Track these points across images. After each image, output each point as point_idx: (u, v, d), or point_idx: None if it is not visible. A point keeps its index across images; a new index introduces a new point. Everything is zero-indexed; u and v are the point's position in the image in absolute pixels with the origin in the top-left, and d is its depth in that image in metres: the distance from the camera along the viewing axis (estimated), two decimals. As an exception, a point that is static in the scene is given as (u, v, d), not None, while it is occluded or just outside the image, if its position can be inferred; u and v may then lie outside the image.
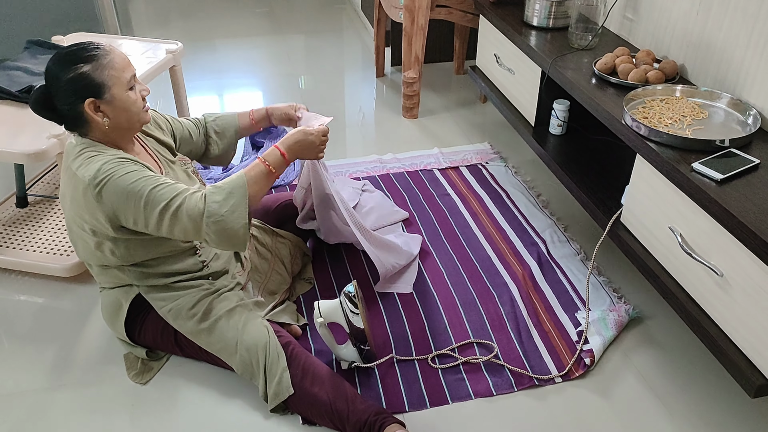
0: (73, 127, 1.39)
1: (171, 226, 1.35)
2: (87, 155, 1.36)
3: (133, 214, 1.34)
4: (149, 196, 1.32)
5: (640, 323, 1.74)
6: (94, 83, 1.33)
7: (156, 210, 1.33)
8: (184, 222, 1.34)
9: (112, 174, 1.32)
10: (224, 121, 1.75)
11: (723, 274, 1.34)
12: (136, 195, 1.32)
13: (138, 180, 1.33)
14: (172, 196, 1.33)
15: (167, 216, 1.33)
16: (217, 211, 1.34)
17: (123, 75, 1.37)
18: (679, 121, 1.60)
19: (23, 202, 2.06)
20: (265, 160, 1.43)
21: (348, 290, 1.54)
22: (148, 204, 1.32)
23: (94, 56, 1.34)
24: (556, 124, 2.14)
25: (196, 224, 1.34)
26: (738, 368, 1.31)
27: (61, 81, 1.32)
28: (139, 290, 1.50)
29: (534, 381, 1.57)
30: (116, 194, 1.32)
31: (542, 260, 1.96)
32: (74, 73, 1.32)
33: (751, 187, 1.36)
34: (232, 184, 1.38)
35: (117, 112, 1.37)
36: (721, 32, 1.69)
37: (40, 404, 1.51)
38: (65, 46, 1.37)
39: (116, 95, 1.36)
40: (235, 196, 1.36)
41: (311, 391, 1.43)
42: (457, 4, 2.73)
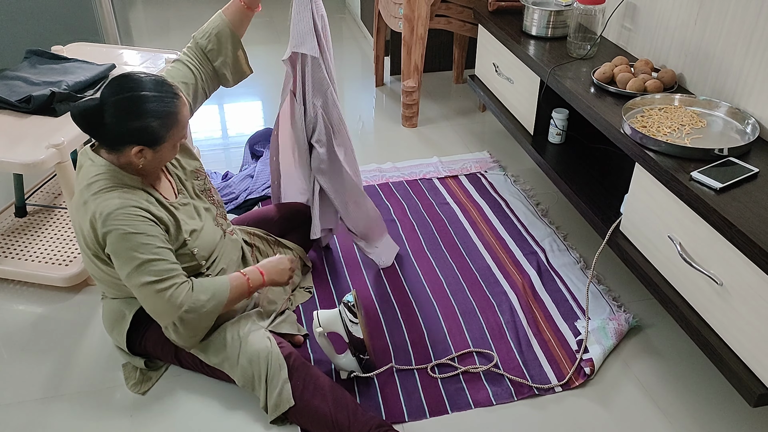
0: (106, 149, 1.37)
1: (146, 298, 1.36)
2: (103, 185, 1.34)
3: (121, 269, 1.35)
4: (143, 266, 1.33)
5: (639, 332, 1.74)
6: (154, 138, 1.32)
7: (142, 279, 1.33)
8: (162, 303, 1.35)
9: (120, 228, 1.31)
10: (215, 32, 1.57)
11: (722, 283, 1.34)
12: (130, 257, 1.32)
13: (139, 244, 1.32)
14: (163, 276, 1.34)
15: (151, 290, 1.34)
16: (198, 309, 1.38)
17: (181, 133, 1.37)
18: (677, 130, 1.60)
19: (22, 212, 2.06)
20: (247, 277, 1.48)
21: (347, 300, 1.53)
22: (138, 271, 1.33)
23: (167, 112, 1.31)
24: (555, 133, 2.15)
25: (172, 310, 1.36)
26: (738, 377, 1.30)
27: (122, 124, 1.29)
28: None
29: (534, 390, 1.56)
30: (116, 246, 1.32)
31: (542, 269, 1.96)
32: (140, 124, 1.30)
33: (750, 196, 1.36)
34: (216, 288, 1.42)
35: (155, 160, 1.38)
36: (719, 41, 1.70)
37: (39, 414, 1.50)
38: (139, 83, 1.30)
39: (164, 150, 1.37)
40: (215, 300, 1.41)
41: (312, 402, 1.42)
42: (456, 14, 2.75)
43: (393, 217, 2.20)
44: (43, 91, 1.82)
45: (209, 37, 1.57)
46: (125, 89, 1.30)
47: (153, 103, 1.30)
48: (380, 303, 1.83)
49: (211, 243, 1.54)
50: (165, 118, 1.32)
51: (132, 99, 1.29)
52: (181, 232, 1.44)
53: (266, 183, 2.31)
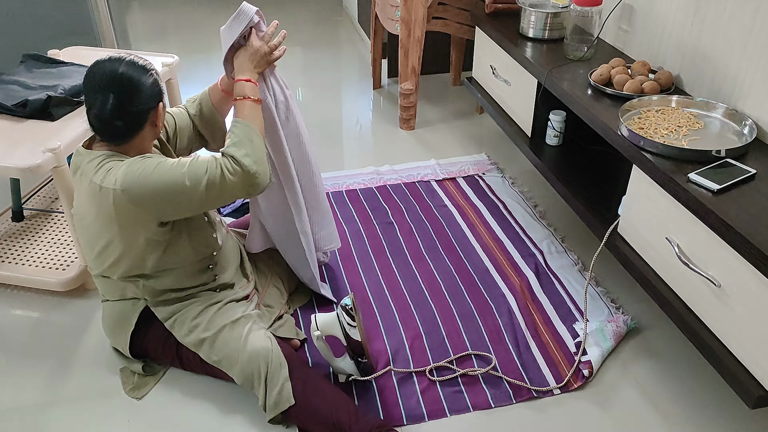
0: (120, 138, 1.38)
1: (220, 197, 1.36)
2: (107, 167, 1.35)
3: (175, 202, 1.34)
4: (186, 177, 1.32)
5: (638, 334, 1.74)
6: (161, 89, 1.41)
7: (201, 186, 1.32)
8: (227, 183, 1.34)
9: (139, 174, 1.32)
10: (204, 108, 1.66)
11: (721, 284, 1.34)
12: (172, 182, 1.32)
13: (167, 170, 1.33)
14: (205, 168, 1.33)
15: (214, 189, 1.33)
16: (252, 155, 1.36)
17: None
18: (674, 132, 1.60)
19: (19, 216, 2.05)
20: (244, 96, 1.45)
21: (345, 303, 1.53)
22: (190, 182, 1.32)
23: (151, 65, 1.40)
24: (552, 135, 2.15)
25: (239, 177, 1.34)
26: (737, 379, 1.30)
27: (144, 84, 1.35)
28: (147, 303, 1.50)
29: (532, 393, 1.56)
30: (152, 190, 1.32)
31: (540, 271, 1.96)
32: (153, 78, 1.38)
33: (747, 197, 1.36)
34: (244, 133, 1.39)
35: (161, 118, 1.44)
36: (716, 43, 1.70)
37: (36, 420, 1.49)
38: (122, 57, 1.37)
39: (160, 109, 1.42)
40: (254, 144, 1.39)
41: (313, 402, 1.42)
42: (454, 16, 2.75)
43: (391, 220, 2.20)
44: (40, 95, 1.81)
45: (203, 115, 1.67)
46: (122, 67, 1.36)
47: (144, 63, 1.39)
48: (378, 306, 1.82)
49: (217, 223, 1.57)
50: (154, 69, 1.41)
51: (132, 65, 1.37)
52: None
53: None
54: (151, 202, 1.34)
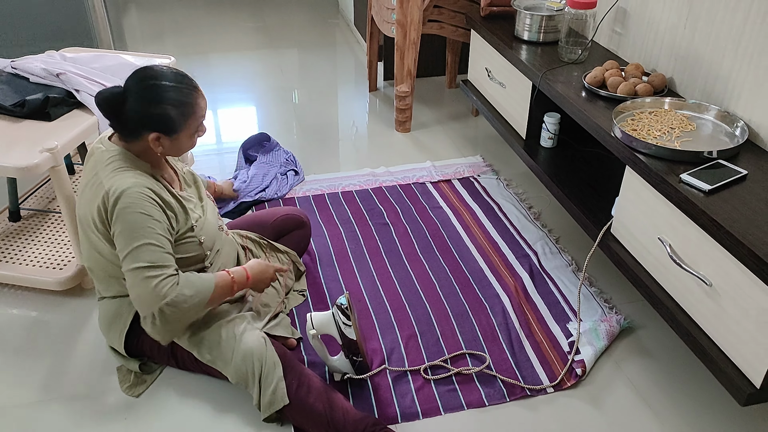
0: (123, 137, 1.42)
1: (134, 283, 1.36)
2: (116, 167, 1.38)
3: (118, 243, 1.37)
4: (140, 248, 1.35)
5: (631, 333, 1.75)
6: (172, 125, 1.38)
7: (135, 263, 1.35)
8: (148, 291, 1.35)
9: (130, 206, 1.34)
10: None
11: (712, 283, 1.36)
12: (132, 237, 1.35)
13: (143, 226, 1.35)
14: (156, 264, 1.35)
15: (140, 275, 1.35)
16: (179, 304, 1.37)
17: (197, 123, 1.43)
18: (667, 133, 1.62)
19: (16, 216, 2.06)
20: (233, 276, 1.50)
21: (340, 302, 1.54)
22: (135, 252, 1.35)
23: (184, 102, 1.37)
24: (546, 137, 2.17)
25: (155, 300, 1.35)
26: (728, 377, 1.32)
27: (142, 109, 1.35)
28: None
29: (526, 391, 1.57)
30: (123, 222, 1.35)
31: (534, 272, 1.97)
32: (159, 110, 1.35)
33: (738, 197, 1.38)
34: (202, 285, 1.42)
35: (173, 148, 1.43)
36: (708, 45, 1.72)
37: (32, 418, 1.50)
38: (159, 74, 1.36)
39: (181, 138, 1.41)
40: (199, 297, 1.41)
41: (307, 401, 1.43)
42: (449, 19, 2.77)
43: (386, 221, 2.21)
44: (37, 95, 1.82)
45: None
46: (147, 78, 1.37)
47: (172, 92, 1.36)
48: (373, 305, 1.84)
49: (213, 234, 1.57)
50: (183, 107, 1.38)
51: (153, 87, 1.36)
52: (189, 218, 1.48)
53: (259, 187, 2.32)
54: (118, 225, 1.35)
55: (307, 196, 2.37)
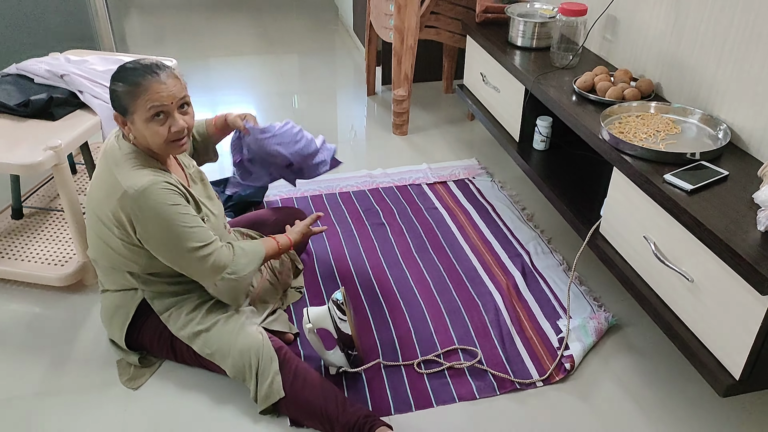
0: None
1: (191, 264, 1.47)
2: (132, 164, 1.43)
3: (158, 239, 1.43)
4: (186, 233, 1.44)
5: (619, 330, 1.80)
6: (120, 104, 1.41)
7: (188, 246, 1.44)
8: (207, 267, 1.48)
9: (158, 199, 1.40)
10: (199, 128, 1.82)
11: (693, 279, 1.40)
12: (174, 225, 1.42)
13: (179, 214, 1.43)
14: (207, 241, 1.48)
15: (195, 255, 1.46)
16: (240, 271, 1.54)
17: (147, 104, 1.38)
18: (653, 136, 1.67)
19: (18, 214, 2.10)
20: (278, 241, 1.69)
21: (336, 297, 1.59)
22: (182, 239, 1.43)
23: (132, 81, 1.39)
24: (539, 140, 2.22)
25: (216, 272, 1.50)
26: (708, 369, 1.36)
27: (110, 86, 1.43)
28: (144, 295, 1.56)
29: (516, 385, 1.62)
30: (153, 217, 1.40)
31: (526, 271, 2.02)
32: (112, 86, 1.42)
33: (720, 197, 1.43)
34: (253, 253, 1.59)
35: (139, 135, 1.44)
36: (693, 52, 1.78)
37: (35, 408, 1.54)
38: (137, 59, 1.45)
39: (137, 122, 1.42)
40: (253, 264, 1.58)
41: (302, 394, 1.47)
42: (445, 25, 2.83)
43: (382, 221, 2.26)
44: (41, 95, 1.87)
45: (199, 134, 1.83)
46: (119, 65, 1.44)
47: (125, 72, 1.41)
48: (369, 302, 1.88)
49: (220, 232, 1.62)
50: (131, 86, 1.38)
51: (117, 69, 1.43)
52: (201, 212, 1.54)
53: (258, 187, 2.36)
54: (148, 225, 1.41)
55: (305, 196, 2.42)
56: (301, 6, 4.87)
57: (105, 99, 1.93)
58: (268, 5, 4.88)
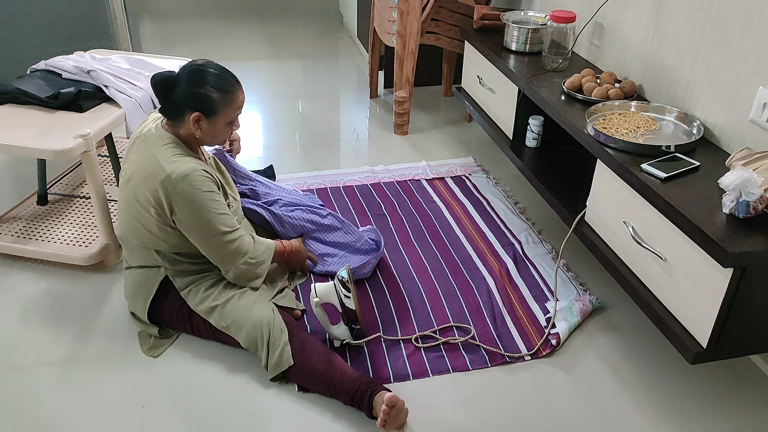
0: (169, 116, 1.63)
1: (215, 247, 1.64)
2: (174, 152, 1.60)
3: (191, 221, 1.60)
4: (217, 218, 1.61)
5: (602, 312, 1.94)
6: (211, 108, 1.59)
7: (216, 230, 1.61)
8: (230, 251, 1.66)
9: (197, 185, 1.58)
10: None
11: (667, 259, 1.55)
12: (207, 210, 1.59)
13: (213, 201, 1.61)
14: (233, 228, 1.66)
15: (222, 240, 1.63)
16: (258, 257, 1.73)
17: (233, 114, 1.64)
18: (633, 132, 1.82)
19: (44, 200, 2.25)
20: (284, 245, 1.89)
21: (341, 276, 1.73)
22: (212, 223, 1.61)
23: (227, 90, 1.59)
24: (531, 138, 2.37)
25: (238, 257, 1.68)
26: (679, 339, 1.50)
27: (190, 89, 1.58)
28: (166, 272, 1.70)
29: (506, 358, 1.75)
30: (191, 201, 1.57)
31: (517, 258, 2.16)
32: (204, 92, 1.57)
33: (691, 185, 1.58)
34: (268, 246, 1.79)
35: (209, 133, 1.64)
36: (671, 56, 1.93)
37: (63, 373, 1.68)
38: (210, 64, 1.62)
39: (218, 124, 1.62)
40: (267, 254, 1.79)
41: (309, 362, 1.61)
42: (445, 31, 2.99)
43: (383, 212, 2.41)
44: (70, 88, 2.02)
45: None
46: (197, 65, 1.61)
47: (216, 78, 1.59)
48: (370, 284, 2.02)
49: (239, 215, 1.79)
50: (223, 93, 1.59)
51: (200, 71, 1.59)
52: (227, 198, 1.71)
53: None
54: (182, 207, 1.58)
55: (311, 189, 2.56)
56: (308, 14, 5.05)
57: (129, 94, 2.08)
58: (275, 12, 5.06)
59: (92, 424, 1.54)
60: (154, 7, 5.09)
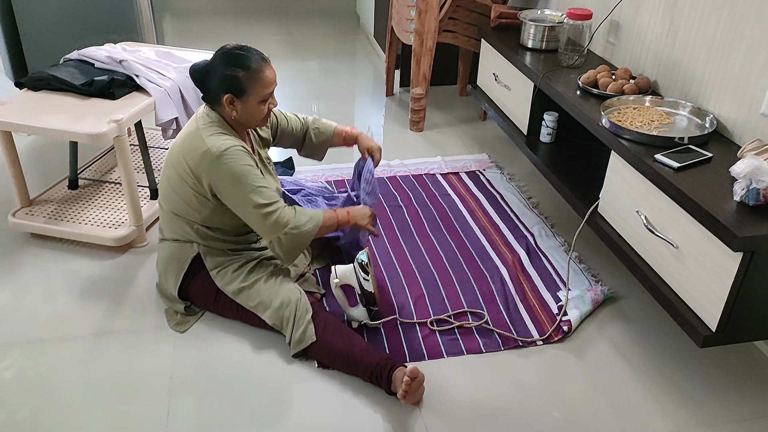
0: (209, 102, 1.71)
1: (257, 217, 1.67)
2: (216, 130, 1.68)
3: (231, 194, 1.66)
4: (255, 191, 1.66)
5: (614, 302, 1.99)
6: (240, 87, 1.65)
7: (256, 202, 1.66)
8: (269, 222, 1.68)
9: (235, 159, 1.64)
10: (324, 130, 2.05)
11: (678, 246, 1.60)
12: (245, 184, 1.65)
13: (251, 174, 1.66)
14: (272, 200, 1.69)
15: (260, 211, 1.67)
16: (299, 228, 1.72)
17: (263, 90, 1.67)
18: (647, 125, 1.87)
19: (74, 185, 2.33)
20: (337, 213, 1.82)
21: (361, 259, 1.79)
22: (252, 194, 1.65)
23: (251, 67, 1.64)
24: (546, 133, 2.42)
25: (279, 228, 1.69)
26: (689, 323, 1.55)
27: (218, 72, 1.65)
28: (199, 249, 1.77)
29: (518, 342, 1.81)
30: (229, 175, 1.64)
31: (530, 249, 2.22)
32: (230, 73, 1.64)
33: (703, 174, 1.63)
34: (313, 216, 1.76)
35: (244, 113, 1.70)
36: (686, 53, 1.99)
37: (95, 345, 1.75)
38: (238, 46, 1.67)
39: (251, 102, 1.68)
40: (312, 223, 1.75)
41: (331, 339, 1.67)
42: (462, 30, 3.05)
43: (399, 204, 2.47)
44: (103, 76, 2.10)
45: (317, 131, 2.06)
46: (225, 49, 1.67)
47: (241, 58, 1.64)
48: (387, 271, 2.08)
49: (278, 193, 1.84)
50: (250, 72, 1.64)
51: (227, 54, 1.65)
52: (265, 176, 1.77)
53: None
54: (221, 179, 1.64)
55: (329, 181, 2.63)
56: (325, 14, 5.13)
57: (158, 83, 2.16)
58: (293, 13, 5.15)
59: (123, 393, 1.60)
60: (176, 5, 5.20)
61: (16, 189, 2.15)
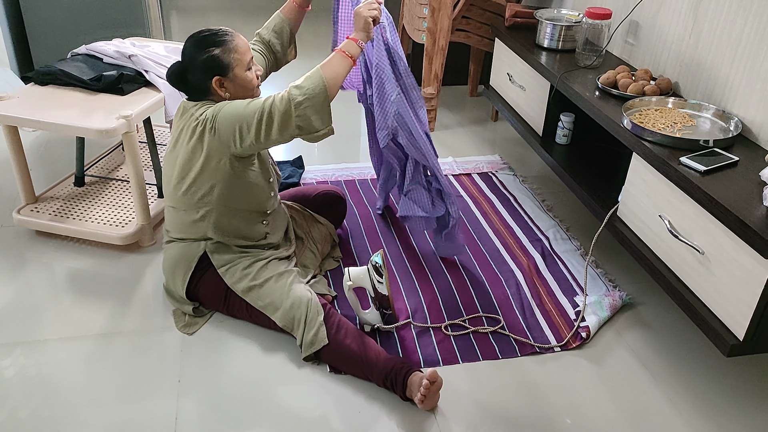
0: (198, 98, 1.67)
1: (270, 125, 1.57)
2: (206, 105, 1.64)
3: (240, 129, 1.58)
4: (247, 108, 1.58)
5: (632, 308, 1.94)
6: (222, 64, 1.61)
7: (251, 110, 1.57)
8: (279, 113, 1.55)
9: (222, 107, 1.60)
10: (275, 25, 1.92)
11: (704, 252, 1.55)
12: (240, 112, 1.58)
13: (240, 103, 1.60)
14: (263, 99, 1.59)
15: (264, 117, 1.56)
16: (305, 92, 1.55)
17: (244, 57, 1.64)
18: (670, 127, 1.82)
19: (81, 182, 2.29)
20: (341, 49, 1.64)
21: (375, 261, 1.74)
22: (246, 108, 1.58)
23: (223, 41, 1.61)
24: (561, 135, 2.38)
25: (285, 107, 1.55)
26: (715, 332, 1.50)
27: (196, 61, 1.61)
28: (206, 248, 1.72)
29: (535, 349, 1.76)
30: (227, 118, 1.59)
31: (545, 253, 2.17)
32: (207, 55, 1.60)
33: (729, 179, 1.58)
34: (309, 73, 1.60)
35: (237, 88, 1.66)
36: (709, 53, 1.94)
37: (101, 345, 1.70)
38: (199, 31, 1.64)
39: (238, 74, 1.64)
40: (311, 78, 1.58)
41: (344, 342, 1.62)
42: (475, 29, 3.01)
43: (412, 205, 2.42)
44: (112, 72, 2.06)
45: (270, 33, 1.92)
46: (190, 38, 1.64)
47: (209, 38, 1.61)
48: (400, 274, 2.03)
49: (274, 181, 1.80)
50: (223, 45, 1.61)
51: (195, 40, 1.62)
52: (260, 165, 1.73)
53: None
54: (225, 126, 1.59)
55: (339, 180, 2.58)
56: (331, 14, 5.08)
57: (168, 78, 2.11)
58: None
59: (129, 394, 1.56)
60: (182, 3, 5.16)
61: (21, 185, 2.11)
